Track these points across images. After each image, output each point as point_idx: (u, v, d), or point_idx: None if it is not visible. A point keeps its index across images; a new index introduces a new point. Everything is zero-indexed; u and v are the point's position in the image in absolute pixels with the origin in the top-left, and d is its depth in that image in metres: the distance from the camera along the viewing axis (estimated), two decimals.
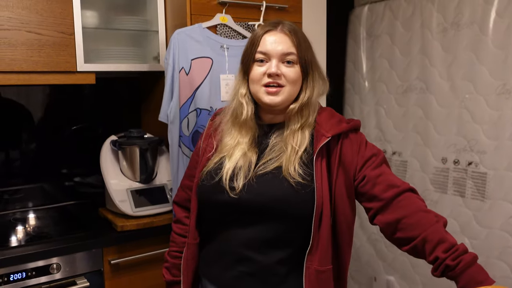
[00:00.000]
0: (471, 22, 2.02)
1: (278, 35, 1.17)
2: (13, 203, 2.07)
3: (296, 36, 1.17)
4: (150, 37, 1.99)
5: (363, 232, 2.60)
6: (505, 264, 1.91)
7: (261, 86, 1.17)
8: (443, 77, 2.14)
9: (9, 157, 2.07)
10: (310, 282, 1.12)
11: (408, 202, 1.12)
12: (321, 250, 1.13)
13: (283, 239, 1.15)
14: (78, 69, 1.76)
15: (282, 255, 1.15)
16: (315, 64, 1.22)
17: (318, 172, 1.14)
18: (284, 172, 1.13)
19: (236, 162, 1.18)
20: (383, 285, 2.49)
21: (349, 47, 2.71)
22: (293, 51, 1.16)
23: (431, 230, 1.06)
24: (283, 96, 1.16)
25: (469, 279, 1.00)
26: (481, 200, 1.99)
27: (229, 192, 1.15)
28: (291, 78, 1.16)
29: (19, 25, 1.65)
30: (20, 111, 2.08)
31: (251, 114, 1.21)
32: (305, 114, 1.19)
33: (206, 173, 1.22)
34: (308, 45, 1.20)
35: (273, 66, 1.15)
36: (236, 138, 1.22)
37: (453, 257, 1.02)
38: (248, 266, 1.17)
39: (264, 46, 1.17)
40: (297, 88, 1.18)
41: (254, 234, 1.15)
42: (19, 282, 1.53)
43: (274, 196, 1.13)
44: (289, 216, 1.13)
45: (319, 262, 1.12)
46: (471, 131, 2.02)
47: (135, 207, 1.82)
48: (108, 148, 1.95)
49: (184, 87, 1.70)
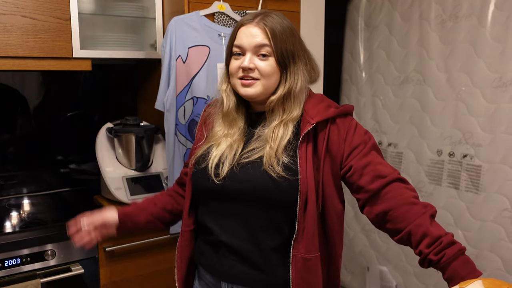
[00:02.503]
0: (469, 14, 2.01)
1: (252, 29, 1.16)
2: (8, 189, 2.07)
3: (271, 28, 1.15)
4: (147, 24, 1.97)
5: (357, 222, 2.61)
6: (497, 256, 1.92)
7: (237, 79, 1.17)
8: (440, 69, 2.14)
9: (4, 143, 2.06)
10: (296, 270, 1.13)
11: (395, 193, 1.11)
12: (307, 237, 1.12)
13: (271, 227, 1.15)
14: (74, 55, 1.75)
15: (273, 244, 1.16)
16: (299, 54, 1.18)
17: (303, 160, 1.13)
18: (265, 165, 1.13)
19: (222, 150, 1.19)
20: (376, 275, 2.51)
21: (347, 37, 2.70)
22: (266, 43, 1.14)
23: (416, 223, 1.06)
24: (258, 89, 1.15)
25: (451, 273, 1.00)
26: (475, 192, 2.01)
27: (214, 178, 1.16)
28: (264, 71, 1.14)
29: (14, 9, 1.63)
30: (15, 96, 2.07)
31: (232, 106, 1.22)
32: (288, 107, 1.17)
33: (195, 160, 1.24)
34: (287, 36, 1.16)
35: (246, 60, 1.14)
36: (224, 128, 1.23)
37: (436, 251, 1.02)
38: (240, 256, 1.18)
39: (239, 39, 1.17)
40: (274, 81, 1.16)
41: (243, 223, 1.16)
42: (13, 268, 1.53)
43: (256, 184, 1.13)
44: (273, 204, 1.14)
45: (306, 249, 1.12)
46: (467, 123, 2.03)
47: (130, 195, 1.82)
48: (104, 136, 1.94)
49: (181, 75, 1.69)
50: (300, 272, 1.13)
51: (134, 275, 1.78)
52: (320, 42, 2.16)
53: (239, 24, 1.19)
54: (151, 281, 1.81)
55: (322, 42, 2.17)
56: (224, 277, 1.21)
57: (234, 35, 1.19)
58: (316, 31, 2.13)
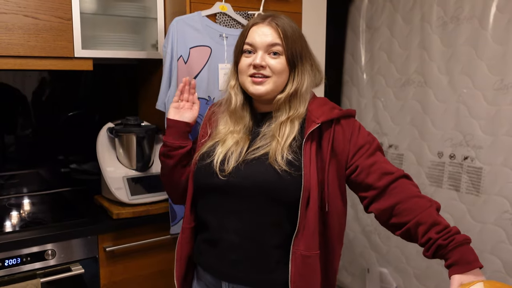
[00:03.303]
0: (471, 16, 2.01)
1: (265, 28, 1.20)
2: (8, 188, 2.07)
3: (283, 28, 1.19)
4: (149, 24, 1.97)
5: (357, 224, 2.61)
6: (498, 259, 1.92)
7: (247, 77, 1.20)
8: (442, 71, 2.14)
9: (5, 142, 2.06)
10: (296, 267, 1.14)
11: (402, 188, 1.15)
12: (308, 235, 1.14)
13: (273, 225, 1.16)
14: (76, 55, 1.75)
15: (275, 242, 1.17)
16: (306, 56, 1.23)
17: (307, 158, 1.15)
18: (270, 159, 1.15)
19: (228, 148, 1.21)
20: (376, 277, 2.51)
21: (348, 39, 2.70)
22: (278, 42, 1.18)
23: (425, 214, 1.09)
24: (268, 86, 1.19)
25: (459, 256, 1.03)
26: (476, 195, 2.00)
27: (219, 174, 1.18)
28: (276, 68, 1.18)
29: (16, 9, 1.63)
30: (16, 96, 2.07)
31: (239, 104, 1.25)
32: (294, 105, 1.21)
33: (200, 156, 1.26)
34: (297, 37, 1.21)
35: (258, 57, 1.18)
36: (229, 126, 1.25)
37: (446, 237, 1.06)
38: (241, 253, 1.18)
39: (251, 37, 1.20)
40: (283, 79, 1.20)
41: (245, 220, 1.17)
42: (13, 267, 1.53)
43: (259, 178, 1.15)
44: (275, 200, 1.15)
45: (305, 246, 1.14)
46: (468, 126, 2.03)
47: (131, 195, 1.82)
48: (105, 135, 1.94)
49: (182, 76, 1.69)
50: (299, 269, 1.14)
51: (134, 275, 1.78)
52: (322, 43, 2.16)
53: (250, 24, 1.22)
54: (151, 281, 1.81)
55: (323, 43, 2.17)
56: (224, 276, 1.21)
57: (245, 33, 1.22)
58: (317, 32, 2.13)
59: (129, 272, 1.76)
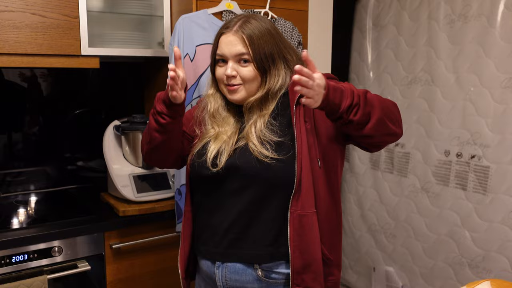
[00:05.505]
0: (479, 14, 2.00)
1: (231, 37, 1.22)
2: (16, 185, 2.08)
3: (249, 35, 1.20)
4: (155, 22, 1.98)
5: (363, 222, 2.61)
6: (505, 257, 1.91)
7: (224, 86, 1.26)
8: (449, 70, 2.13)
9: (12, 140, 2.07)
10: (293, 227, 1.18)
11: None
12: (304, 194, 1.18)
13: (267, 203, 1.20)
14: (82, 52, 1.76)
15: (272, 215, 1.21)
16: (279, 55, 1.24)
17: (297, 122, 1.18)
18: (254, 153, 1.19)
19: (220, 144, 1.25)
20: (382, 275, 2.50)
21: (355, 37, 2.69)
22: (244, 51, 1.21)
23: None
24: (242, 93, 1.24)
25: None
26: (483, 193, 1.99)
27: (211, 168, 1.23)
28: (245, 77, 1.22)
29: (24, 7, 1.64)
30: (23, 93, 2.08)
31: (218, 106, 1.29)
32: (266, 106, 1.25)
33: (194, 154, 1.30)
34: (266, 40, 1.21)
35: (229, 68, 1.22)
36: (216, 127, 1.29)
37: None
38: (237, 233, 1.22)
39: (221, 48, 1.24)
40: (256, 84, 1.24)
41: (241, 200, 1.21)
42: (21, 264, 1.54)
43: (251, 166, 1.19)
44: (270, 185, 1.19)
45: (302, 206, 1.18)
46: (475, 124, 2.01)
47: (137, 193, 1.83)
48: (111, 133, 1.95)
49: (189, 74, 1.69)
50: (297, 229, 1.18)
51: (140, 272, 1.79)
52: (328, 41, 2.15)
53: (219, 33, 1.26)
54: (157, 278, 1.82)
55: (329, 41, 2.16)
56: (222, 257, 1.25)
57: (216, 43, 1.26)
58: (324, 30, 2.12)
59: (135, 269, 1.77)
